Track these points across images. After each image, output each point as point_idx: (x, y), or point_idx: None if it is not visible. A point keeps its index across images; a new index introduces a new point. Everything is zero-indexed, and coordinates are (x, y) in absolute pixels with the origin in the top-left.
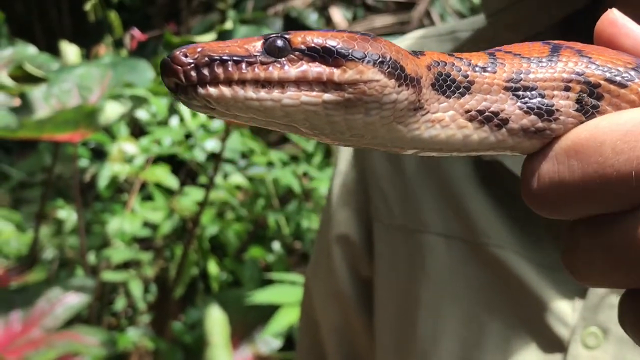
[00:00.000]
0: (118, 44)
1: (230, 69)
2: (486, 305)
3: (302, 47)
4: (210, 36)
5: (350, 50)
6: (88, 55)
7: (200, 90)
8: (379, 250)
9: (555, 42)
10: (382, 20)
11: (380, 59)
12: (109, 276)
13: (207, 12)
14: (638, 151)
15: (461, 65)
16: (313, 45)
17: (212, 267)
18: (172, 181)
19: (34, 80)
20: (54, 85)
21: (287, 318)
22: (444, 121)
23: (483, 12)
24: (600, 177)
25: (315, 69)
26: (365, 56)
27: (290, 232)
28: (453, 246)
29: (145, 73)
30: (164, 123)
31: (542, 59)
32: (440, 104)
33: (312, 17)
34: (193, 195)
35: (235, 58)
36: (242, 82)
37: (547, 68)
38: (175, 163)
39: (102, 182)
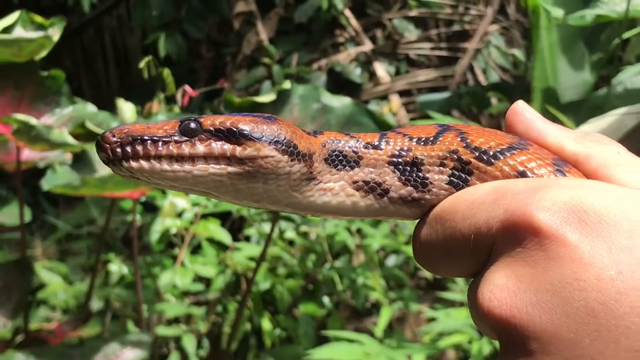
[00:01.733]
0: (169, 100)
1: (148, 146)
2: None
3: (211, 128)
4: (270, 96)
5: (250, 131)
6: (141, 111)
7: (124, 163)
8: None
9: (449, 124)
10: (425, 74)
11: (275, 139)
12: (163, 331)
13: (251, 66)
14: (478, 217)
15: (353, 142)
16: (219, 127)
17: (266, 323)
18: (224, 236)
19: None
20: None
21: None
22: (334, 190)
23: None
24: (452, 238)
25: (221, 147)
26: (263, 136)
27: (343, 288)
28: None
29: None
30: None
31: (426, 138)
32: (332, 175)
33: (356, 72)
34: (247, 250)
35: (154, 138)
36: (159, 157)
37: (427, 147)
38: (220, 215)
39: (154, 236)
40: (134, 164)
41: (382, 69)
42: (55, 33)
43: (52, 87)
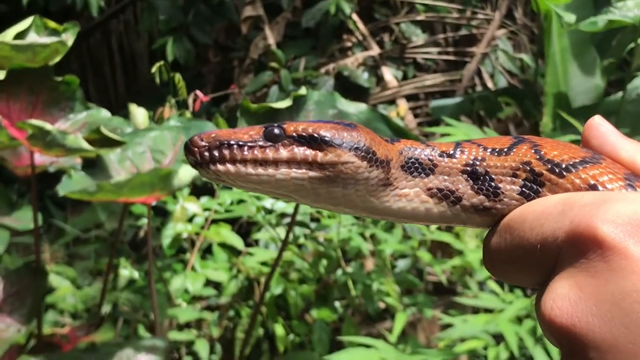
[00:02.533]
0: (179, 105)
1: (235, 151)
2: None
3: (294, 134)
4: (286, 102)
5: (331, 138)
6: (152, 117)
7: (212, 166)
8: None
9: (524, 136)
10: (432, 79)
11: (355, 145)
12: (176, 336)
13: (259, 71)
14: (545, 228)
15: (428, 150)
16: (302, 133)
17: (279, 329)
18: (236, 240)
19: (109, 143)
20: (128, 148)
21: None
22: (409, 196)
23: None
24: (520, 247)
25: (303, 152)
26: (343, 143)
27: (356, 293)
28: None
29: None
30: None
31: (500, 149)
32: (408, 182)
33: (364, 76)
34: (259, 255)
35: (239, 143)
36: (244, 161)
37: (501, 157)
38: (230, 220)
39: (166, 240)
40: (220, 167)
41: (389, 74)
42: (69, 38)
43: (66, 92)
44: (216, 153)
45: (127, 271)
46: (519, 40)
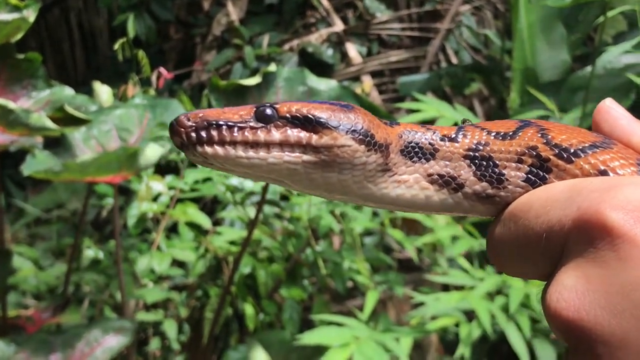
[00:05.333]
0: (142, 83)
1: (224, 132)
2: None
3: (287, 115)
4: (255, 79)
5: (327, 120)
6: (117, 94)
7: (199, 148)
8: None
9: (531, 120)
10: (397, 55)
11: (352, 128)
12: (143, 316)
13: (221, 47)
14: (551, 215)
15: (429, 134)
16: (296, 114)
17: (249, 308)
18: (203, 219)
19: (74, 121)
20: (93, 127)
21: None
22: (409, 182)
23: None
24: (525, 237)
25: (297, 134)
26: (340, 125)
27: (326, 272)
28: None
29: (178, 112)
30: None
31: (505, 133)
32: (407, 167)
33: (328, 53)
34: (227, 234)
35: (229, 123)
36: (234, 143)
37: (505, 142)
38: (196, 199)
39: (131, 220)
40: (208, 149)
41: (353, 50)
42: (30, 15)
43: (28, 70)
44: (204, 134)
45: (92, 251)
46: (483, 16)
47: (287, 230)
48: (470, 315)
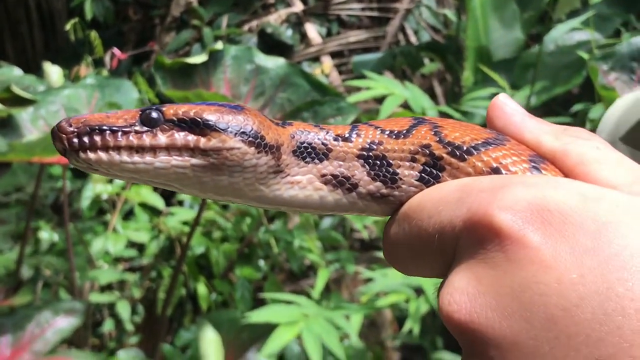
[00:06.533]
0: (97, 63)
1: (107, 137)
2: None
3: (174, 118)
4: (202, 57)
5: (215, 122)
6: (69, 75)
7: (82, 154)
8: None
9: (425, 117)
10: (356, 35)
11: (242, 130)
12: (97, 298)
13: (180, 28)
14: (442, 216)
15: (322, 134)
16: (182, 116)
17: (201, 288)
18: (157, 201)
19: (21, 102)
20: (41, 107)
21: (284, 337)
22: (302, 183)
23: None
24: (418, 237)
25: (184, 137)
26: (228, 127)
27: (279, 251)
28: None
29: (130, 93)
30: None
31: (399, 131)
32: (300, 168)
33: (287, 33)
34: (180, 215)
35: (113, 128)
36: (118, 148)
37: (399, 140)
38: None
39: (85, 202)
40: (91, 155)
41: (313, 30)
42: None
43: None
44: (86, 139)
45: (47, 234)
46: None
47: (240, 210)
48: (420, 291)
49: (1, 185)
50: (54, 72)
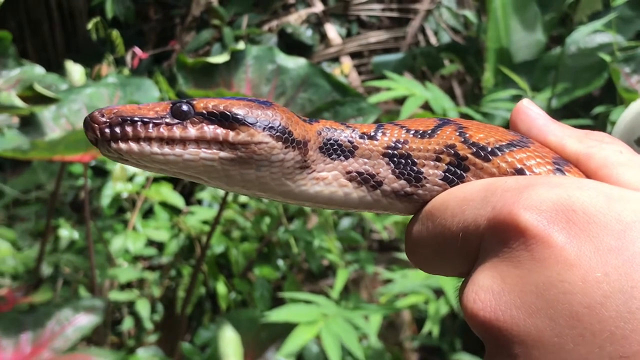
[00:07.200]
0: (118, 62)
1: (138, 128)
2: None
3: (204, 111)
4: (224, 57)
5: (244, 116)
6: (90, 74)
7: (113, 144)
8: None
9: (450, 118)
10: (376, 36)
11: (270, 124)
12: (117, 296)
13: (201, 28)
14: (467, 215)
15: (348, 132)
16: (212, 110)
17: (221, 287)
18: (177, 199)
19: (43, 100)
20: (64, 105)
21: (303, 337)
22: (327, 179)
23: None
24: (442, 236)
25: (213, 131)
26: (257, 121)
27: (298, 250)
28: None
29: (151, 91)
30: None
31: (424, 131)
32: (326, 165)
33: (307, 33)
34: (200, 214)
35: (144, 119)
36: (149, 139)
37: (424, 140)
38: (171, 179)
39: (105, 200)
40: (122, 145)
41: (333, 31)
42: None
43: None
44: (118, 130)
45: (66, 232)
46: None
47: (260, 209)
48: (439, 293)
49: (21, 183)
50: (75, 70)
